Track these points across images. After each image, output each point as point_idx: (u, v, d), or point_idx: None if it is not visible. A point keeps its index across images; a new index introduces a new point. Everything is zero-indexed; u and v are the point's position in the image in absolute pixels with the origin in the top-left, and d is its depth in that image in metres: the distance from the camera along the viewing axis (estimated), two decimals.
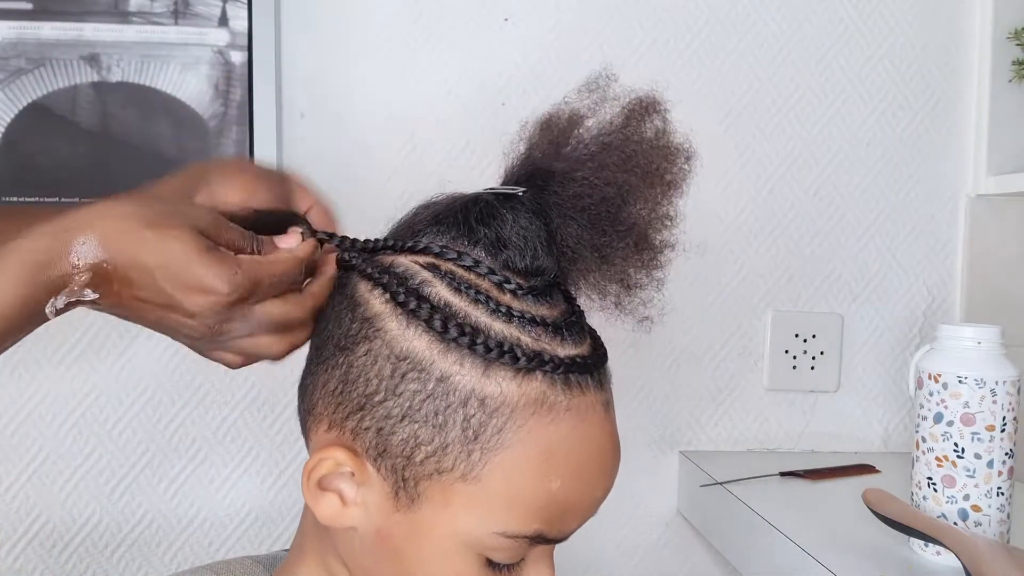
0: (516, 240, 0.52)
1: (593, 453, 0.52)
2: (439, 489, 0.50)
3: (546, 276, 0.53)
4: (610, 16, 1.12)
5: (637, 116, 0.54)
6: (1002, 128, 1.16)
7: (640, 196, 0.53)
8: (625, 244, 0.53)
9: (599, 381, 0.53)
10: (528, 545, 0.52)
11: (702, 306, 1.16)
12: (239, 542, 1.10)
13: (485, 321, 0.50)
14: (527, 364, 0.49)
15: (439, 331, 0.49)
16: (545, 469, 0.50)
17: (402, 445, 0.50)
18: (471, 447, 0.49)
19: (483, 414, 0.49)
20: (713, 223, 1.16)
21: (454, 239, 0.53)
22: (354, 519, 0.52)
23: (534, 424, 0.49)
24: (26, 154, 1.03)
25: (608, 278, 0.55)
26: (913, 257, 1.20)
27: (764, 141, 1.16)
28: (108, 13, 1.03)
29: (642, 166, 0.53)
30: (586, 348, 0.54)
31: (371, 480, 0.51)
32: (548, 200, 0.53)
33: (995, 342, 0.79)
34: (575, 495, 0.52)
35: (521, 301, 0.52)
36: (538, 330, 0.51)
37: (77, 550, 1.08)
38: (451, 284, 0.51)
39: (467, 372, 0.49)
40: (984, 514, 0.78)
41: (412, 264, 0.52)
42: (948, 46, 1.18)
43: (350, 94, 1.09)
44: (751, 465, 1.09)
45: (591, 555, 1.16)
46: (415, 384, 0.49)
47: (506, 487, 0.49)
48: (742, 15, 1.15)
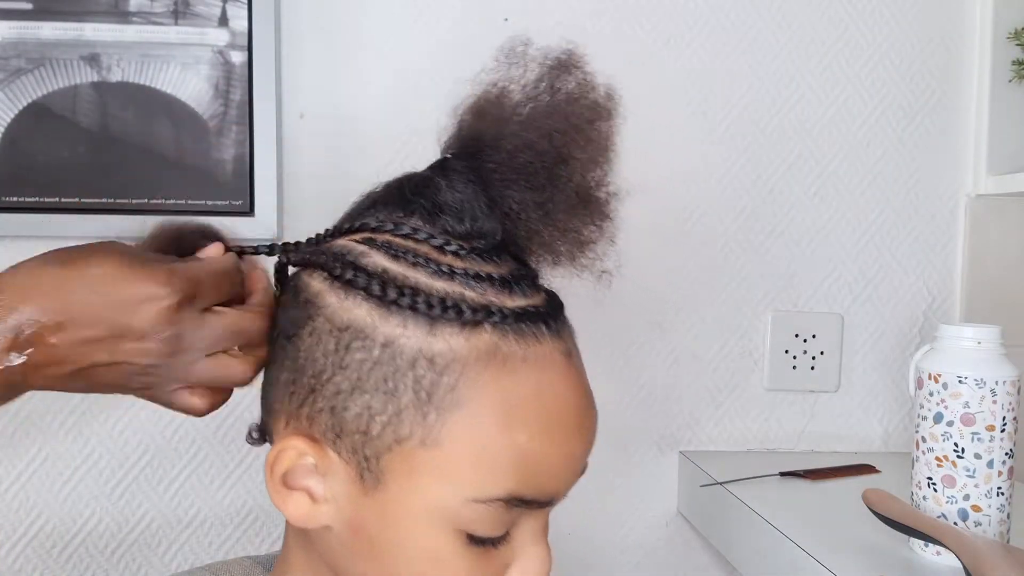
0: (453, 205, 0.52)
1: (559, 404, 0.50)
2: (401, 460, 0.48)
3: (489, 239, 0.52)
4: (610, 16, 1.12)
5: (556, 74, 0.53)
6: (1002, 128, 1.16)
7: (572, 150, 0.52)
8: (567, 197, 0.52)
9: (556, 331, 0.51)
10: (506, 510, 0.49)
11: (702, 306, 1.16)
12: (239, 542, 1.10)
13: (426, 281, 0.49)
14: (473, 317, 0.48)
15: (378, 295, 0.48)
16: (507, 422, 0.48)
17: (357, 420, 0.48)
18: (425, 409, 0.47)
19: (433, 373, 0.47)
20: (713, 222, 1.16)
21: (390, 214, 0.53)
22: (327, 516, 0.51)
23: (489, 377, 0.48)
24: (26, 154, 1.03)
25: (556, 235, 0.53)
26: (913, 257, 1.20)
27: (764, 141, 1.16)
28: (108, 13, 1.03)
29: (569, 121, 0.52)
30: (538, 299, 0.52)
31: (334, 467, 0.50)
32: (484, 166, 0.52)
33: (995, 342, 0.79)
34: (546, 449, 0.49)
35: (465, 261, 0.51)
36: (483, 285, 0.50)
37: (77, 550, 1.08)
38: (388, 252, 0.51)
39: (412, 333, 0.48)
40: (984, 514, 0.78)
41: (348, 242, 0.52)
42: (948, 46, 1.18)
43: (350, 94, 1.09)
44: (751, 465, 1.09)
45: (591, 555, 1.16)
46: (360, 353, 0.48)
47: (469, 446, 0.48)
48: (742, 15, 1.15)
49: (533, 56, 0.54)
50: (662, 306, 1.16)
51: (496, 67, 0.54)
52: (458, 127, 0.55)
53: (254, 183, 1.05)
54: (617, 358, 1.15)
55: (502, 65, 0.54)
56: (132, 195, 1.04)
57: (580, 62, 0.54)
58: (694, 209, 1.15)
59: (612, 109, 0.54)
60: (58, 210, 1.03)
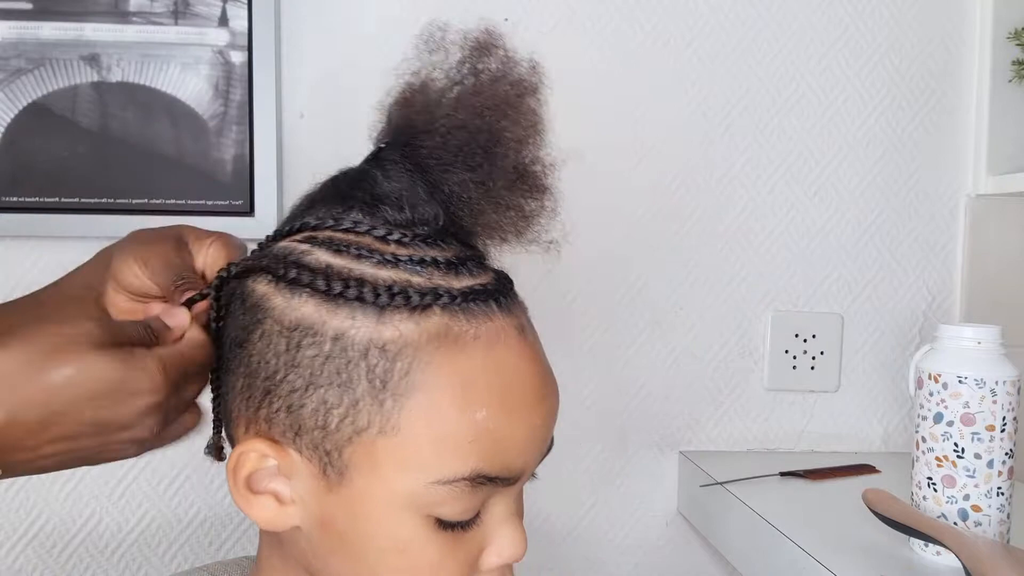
0: (391, 195, 0.52)
1: (515, 378, 0.50)
2: (363, 452, 0.48)
3: (432, 224, 0.52)
4: (610, 16, 1.12)
5: (477, 55, 0.54)
6: (1002, 128, 1.16)
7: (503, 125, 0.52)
8: (505, 174, 0.52)
9: (506, 307, 0.51)
10: (472, 490, 0.49)
11: (702, 306, 1.17)
12: (239, 542, 1.10)
13: (371, 272, 0.49)
14: (421, 300, 0.48)
15: (323, 290, 0.48)
16: (465, 401, 0.48)
17: (314, 415, 0.48)
18: (381, 397, 0.47)
19: (386, 361, 0.47)
20: (713, 222, 1.16)
21: (329, 211, 0.53)
22: (294, 517, 0.51)
23: (442, 358, 0.48)
24: (26, 154, 1.03)
25: (500, 213, 0.53)
26: (913, 257, 1.20)
27: (764, 141, 1.16)
28: (108, 13, 1.03)
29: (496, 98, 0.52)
30: (486, 278, 0.52)
31: (297, 466, 0.50)
32: (418, 152, 0.52)
33: (995, 342, 0.79)
34: (506, 424, 0.49)
35: (409, 248, 0.51)
36: (429, 269, 0.50)
37: (77, 550, 1.08)
38: (330, 248, 0.50)
39: (360, 323, 0.48)
40: (984, 514, 0.78)
41: (290, 243, 0.52)
42: (948, 46, 1.18)
43: (350, 94, 1.09)
44: (751, 465, 1.09)
45: (591, 554, 1.16)
46: (311, 350, 0.48)
47: (428, 429, 0.48)
48: (742, 15, 1.15)
49: (453, 40, 0.54)
50: (662, 306, 1.16)
51: (417, 55, 0.54)
52: (388, 118, 0.55)
53: (254, 183, 1.05)
54: (617, 358, 1.15)
55: (423, 53, 0.54)
56: (132, 195, 1.04)
57: (499, 40, 0.54)
58: (694, 209, 1.15)
59: (537, 82, 0.54)
60: (58, 210, 1.03)
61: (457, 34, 0.54)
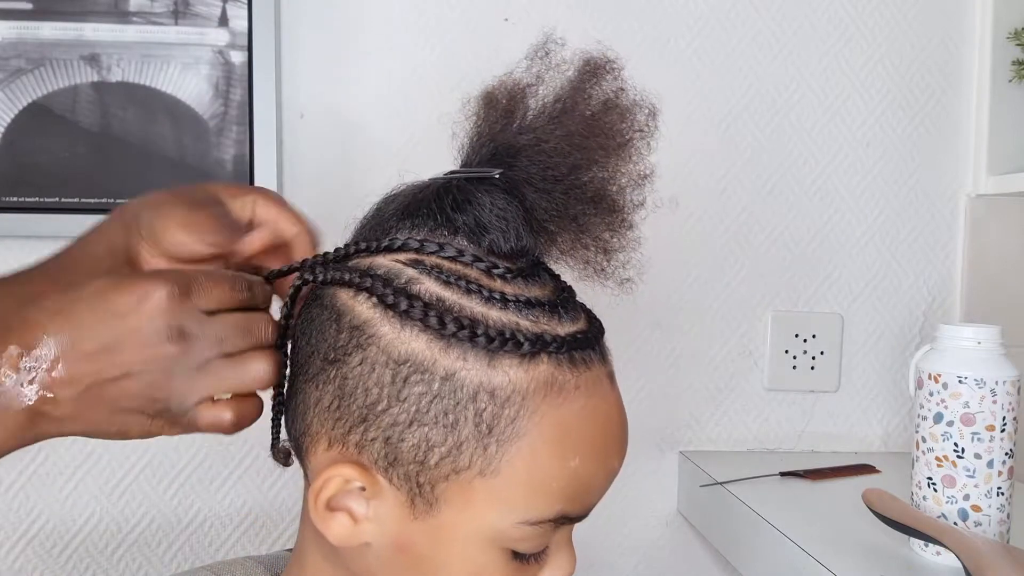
0: (496, 223, 0.50)
1: (605, 425, 0.51)
2: (458, 489, 0.48)
3: (530, 255, 0.52)
4: (610, 16, 1.12)
5: (590, 78, 0.52)
6: (1002, 128, 1.16)
7: (608, 157, 0.52)
8: (599, 209, 0.52)
9: (601, 354, 0.53)
10: (552, 529, 0.50)
11: (702, 306, 1.16)
12: (239, 542, 1.10)
13: (481, 311, 0.49)
14: (531, 348, 0.48)
15: (436, 328, 0.47)
16: (562, 449, 0.49)
17: (414, 451, 0.48)
18: (486, 441, 0.48)
19: (495, 406, 0.48)
20: (713, 222, 1.16)
21: (432, 231, 0.51)
22: (367, 535, 0.50)
23: (547, 407, 0.48)
24: (26, 154, 1.03)
25: (587, 246, 0.53)
26: (913, 257, 1.20)
27: (764, 141, 1.16)
28: (108, 13, 1.03)
29: (605, 128, 0.52)
30: (583, 323, 0.53)
31: (383, 491, 0.49)
32: (519, 176, 0.51)
33: (995, 342, 0.79)
34: (594, 469, 0.51)
35: (512, 285, 0.50)
36: (535, 312, 0.50)
37: (77, 550, 1.08)
38: (439, 278, 0.49)
39: (472, 366, 0.47)
40: (984, 514, 0.78)
41: (394, 263, 0.50)
42: (948, 46, 1.18)
43: (350, 94, 1.09)
44: (751, 465, 1.09)
45: (591, 555, 1.16)
46: (420, 387, 0.47)
47: (526, 475, 0.48)
48: (742, 15, 1.15)
49: (567, 58, 0.53)
50: (662, 306, 1.16)
51: (528, 66, 0.53)
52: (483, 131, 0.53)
53: (254, 183, 1.05)
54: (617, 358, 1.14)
55: (535, 62, 0.53)
56: (132, 195, 1.02)
57: (615, 66, 0.53)
58: (694, 209, 1.15)
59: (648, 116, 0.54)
60: (58, 210, 1.03)
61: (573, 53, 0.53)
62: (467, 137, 0.54)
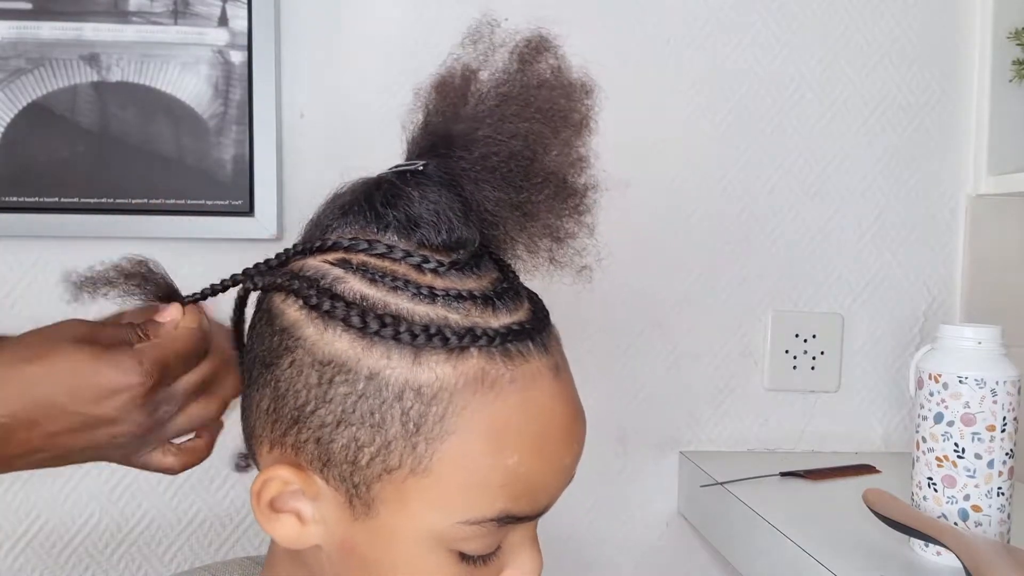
0: (428, 216, 0.49)
1: (549, 421, 0.49)
2: (392, 489, 0.47)
3: (468, 247, 0.50)
4: (610, 16, 1.12)
5: (528, 58, 0.51)
6: (1002, 128, 1.16)
7: (549, 142, 0.50)
8: (545, 195, 0.50)
9: (543, 345, 0.50)
10: (497, 528, 0.49)
11: (702, 306, 1.16)
12: (239, 542, 1.10)
13: (407, 307, 0.47)
14: (459, 342, 0.46)
15: (358, 327, 0.46)
16: (498, 447, 0.47)
17: (344, 451, 0.47)
18: (415, 440, 0.46)
19: (421, 404, 0.46)
20: (713, 223, 1.16)
21: (363, 228, 0.50)
22: (316, 536, 0.50)
23: (478, 403, 0.47)
24: (26, 154, 1.03)
25: (536, 234, 0.51)
26: (913, 257, 1.20)
27: (764, 141, 1.16)
28: (108, 13, 1.03)
29: (544, 110, 0.50)
30: (523, 313, 0.50)
31: (323, 492, 0.49)
32: (455, 167, 0.50)
33: (995, 342, 0.79)
34: (537, 467, 0.49)
35: (444, 279, 0.49)
36: (466, 305, 0.48)
37: (77, 550, 1.08)
38: (364, 276, 0.48)
39: (396, 364, 0.46)
40: (984, 514, 0.78)
41: (322, 264, 0.50)
42: (948, 46, 1.18)
43: (350, 94, 1.09)
44: (751, 465, 1.09)
45: (591, 555, 1.16)
46: (344, 387, 0.47)
47: (460, 473, 0.47)
48: (742, 15, 1.15)
49: (502, 39, 0.52)
50: (662, 306, 1.16)
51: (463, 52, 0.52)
52: (425, 122, 0.52)
53: (254, 183, 1.05)
54: (617, 358, 1.15)
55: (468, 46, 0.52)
56: (132, 195, 1.04)
57: (552, 44, 0.52)
58: (694, 209, 1.15)
59: (588, 94, 0.52)
60: (58, 210, 1.03)
61: (508, 33, 0.52)
62: (411, 130, 0.53)
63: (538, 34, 0.52)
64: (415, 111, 0.53)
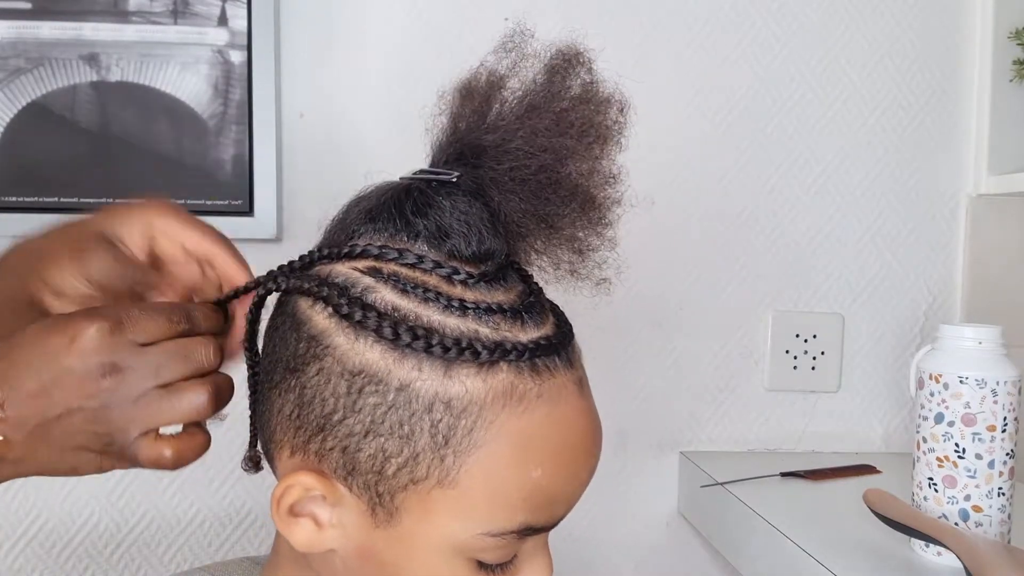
0: (458, 227, 0.49)
1: (572, 435, 0.50)
2: (417, 499, 0.48)
3: (496, 258, 0.50)
4: (611, 16, 1.12)
5: (561, 71, 0.51)
6: (1002, 128, 1.16)
7: (578, 156, 0.50)
8: (571, 208, 0.50)
9: (568, 360, 0.50)
10: (517, 540, 0.49)
11: (702, 306, 1.16)
12: (239, 542, 1.10)
13: (438, 319, 0.47)
14: (489, 357, 0.47)
15: (390, 339, 0.46)
16: (523, 460, 0.48)
17: (371, 461, 0.47)
18: (443, 452, 0.47)
19: (450, 417, 0.46)
20: (713, 223, 1.16)
21: (392, 236, 0.50)
22: (332, 541, 0.50)
23: (506, 417, 0.47)
24: (26, 154, 1.02)
25: (559, 246, 0.52)
26: (913, 257, 1.20)
27: (764, 141, 1.16)
28: (107, 13, 1.03)
29: (575, 124, 0.50)
30: (549, 328, 0.51)
31: (344, 499, 0.49)
32: (484, 177, 0.50)
33: (996, 342, 0.79)
34: (559, 480, 0.49)
35: (474, 291, 0.49)
36: (496, 318, 0.48)
37: (77, 550, 1.08)
38: (396, 286, 0.48)
39: (427, 376, 0.46)
40: (985, 514, 0.78)
41: (351, 272, 0.49)
42: (948, 46, 1.18)
43: (350, 94, 1.09)
44: (752, 465, 1.09)
45: (591, 555, 1.16)
46: (374, 398, 0.47)
47: (485, 486, 0.47)
48: (742, 15, 1.15)
49: (535, 51, 0.52)
50: (662, 306, 1.16)
51: (496, 61, 0.52)
52: (453, 129, 0.52)
53: (253, 183, 1.05)
54: (617, 358, 1.15)
55: (500, 55, 0.52)
56: (132, 195, 1.03)
57: (585, 58, 0.52)
58: (694, 209, 1.15)
59: (621, 110, 0.52)
60: (57, 210, 1.03)
61: (542, 46, 0.52)
62: (437, 134, 0.53)
63: (572, 47, 0.52)
64: (439, 115, 0.53)
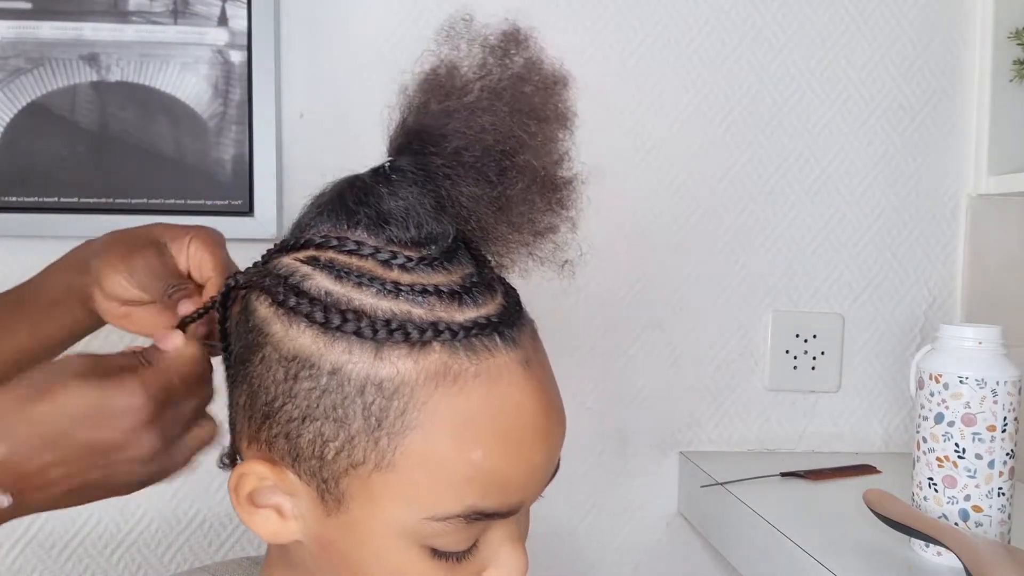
0: (397, 213, 0.49)
1: (517, 416, 0.48)
2: (359, 484, 0.48)
3: (441, 242, 0.50)
4: (611, 16, 1.12)
5: (502, 52, 0.50)
6: (1002, 128, 1.16)
7: (522, 136, 0.49)
8: (519, 189, 0.49)
9: (511, 339, 0.49)
10: (467, 524, 0.48)
11: (702, 306, 1.16)
12: (239, 542, 1.10)
13: (371, 302, 0.48)
14: (420, 337, 0.47)
15: (321, 323, 0.47)
16: (462, 441, 0.47)
17: (311, 446, 0.48)
18: (377, 435, 0.46)
19: (382, 399, 0.46)
20: (713, 223, 1.16)
21: (335, 226, 0.50)
22: (296, 532, 0.51)
23: (440, 397, 0.46)
24: (26, 154, 1.02)
25: (514, 228, 0.51)
26: (913, 257, 1.20)
27: (764, 141, 1.16)
28: (107, 13, 1.03)
29: (518, 105, 0.49)
30: (492, 308, 0.49)
31: (297, 488, 0.49)
32: (430, 164, 0.50)
33: (996, 342, 0.79)
34: (505, 463, 0.48)
35: (411, 274, 0.49)
36: (431, 299, 0.48)
37: (77, 550, 1.08)
38: (331, 272, 0.49)
39: (358, 359, 0.47)
40: (985, 514, 0.78)
41: (292, 262, 0.50)
42: (948, 46, 1.18)
43: (350, 94, 1.09)
44: (751, 465, 1.09)
45: (591, 555, 1.16)
46: (308, 382, 0.47)
47: (424, 468, 0.47)
48: (742, 15, 1.15)
49: (476, 33, 0.51)
50: (662, 306, 1.16)
51: (438, 45, 0.52)
52: (402, 120, 0.52)
53: (253, 183, 1.05)
54: (617, 358, 1.15)
55: (443, 43, 0.52)
56: (131, 195, 1.04)
57: (526, 37, 0.51)
58: (694, 209, 1.15)
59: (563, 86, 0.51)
60: (57, 210, 1.03)
61: (482, 28, 0.51)
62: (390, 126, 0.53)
63: (512, 27, 0.51)
64: (395, 108, 0.53)
